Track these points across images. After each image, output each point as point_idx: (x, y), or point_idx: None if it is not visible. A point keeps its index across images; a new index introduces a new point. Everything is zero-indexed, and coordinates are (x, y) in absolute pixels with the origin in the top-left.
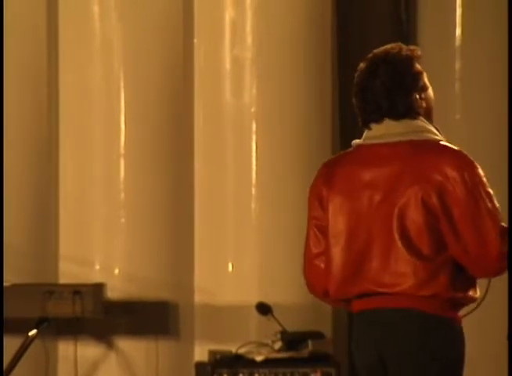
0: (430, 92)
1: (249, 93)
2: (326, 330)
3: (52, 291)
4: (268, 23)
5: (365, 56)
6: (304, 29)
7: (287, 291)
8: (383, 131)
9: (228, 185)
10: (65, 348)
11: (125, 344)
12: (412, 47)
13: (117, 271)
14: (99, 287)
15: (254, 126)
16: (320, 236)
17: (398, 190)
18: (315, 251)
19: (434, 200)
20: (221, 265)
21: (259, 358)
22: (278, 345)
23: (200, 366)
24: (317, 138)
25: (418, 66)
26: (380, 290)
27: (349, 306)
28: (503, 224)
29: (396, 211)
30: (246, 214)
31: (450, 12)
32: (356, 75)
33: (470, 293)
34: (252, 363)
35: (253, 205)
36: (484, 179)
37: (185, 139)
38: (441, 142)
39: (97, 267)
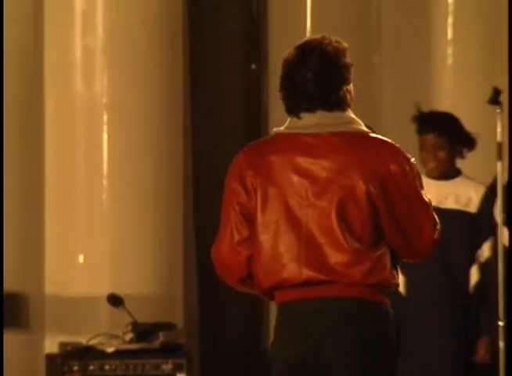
0: (352, 86)
1: (100, 83)
2: (178, 321)
3: None
4: (118, 11)
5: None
6: (156, 18)
7: (139, 282)
8: (315, 122)
9: (79, 175)
10: None
11: None
12: (337, 39)
13: None
14: None
15: (105, 116)
16: (244, 222)
17: (338, 182)
18: (238, 237)
19: (377, 192)
20: (72, 256)
21: (110, 349)
22: (129, 336)
23: (50, 358)
24: (168, 128)
25: (348, 59)
26: (324, 278)
27: (271, 296)
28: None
29: (337, 202)
30: (97, 205)
31: (301, 3)
32: (285, 62)
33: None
34: (103, 355)
35: (104, 196)
36: (418, 171)
37: (36, 128)
38: (374, 135)
39: None
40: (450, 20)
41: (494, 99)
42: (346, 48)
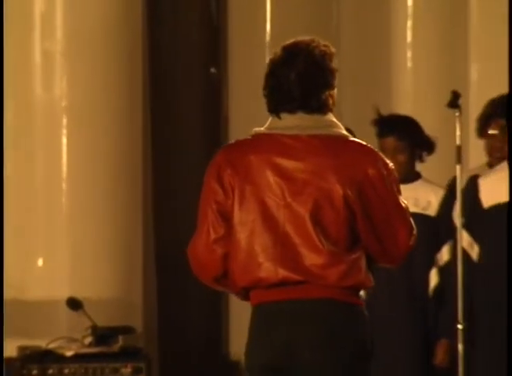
0: (336, 91)
1: (59, 87)
2: (137, 324)
3: None
4: (78, 15)
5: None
6: (115, 21)
7: (98, 286)
8: (295, 123)
9: (39, 178)
10: None
11: None
12: (326, 43)
13: None
14: None
15: (64, 120)
16: (221, 221)
17: (315, 184)
18: (214, 235)
19: (354, 196)
20: (31, 259)
21: (69, 353)
22: (88, 340)
23: (9, 361)
24: (128, 131)
25: (334, 64)
26: (299, 278)
27: (246, 296)
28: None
29: (313, 204)
30: (56, 208)
31: (260, 7)
32: (271, 62)
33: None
34: (62, 358)
35: (63, 199)
36: (396, 177)
37: None
38: (353, 139)
39: None
40: (409, 24)
41: (453, 103)
42: (333, 53)
